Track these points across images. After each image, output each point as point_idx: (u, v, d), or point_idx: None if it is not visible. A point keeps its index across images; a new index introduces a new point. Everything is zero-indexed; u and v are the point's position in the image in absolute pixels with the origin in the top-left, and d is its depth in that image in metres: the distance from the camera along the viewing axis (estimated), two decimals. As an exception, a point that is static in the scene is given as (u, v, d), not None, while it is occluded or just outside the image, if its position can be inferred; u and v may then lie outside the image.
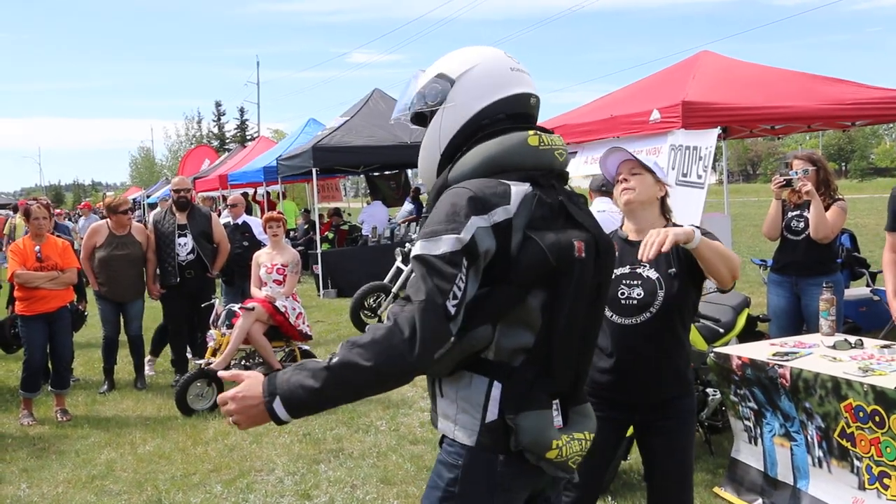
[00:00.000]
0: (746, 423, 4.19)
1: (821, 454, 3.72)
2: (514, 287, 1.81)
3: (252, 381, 1.75)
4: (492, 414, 1.84)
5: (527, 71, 2.02)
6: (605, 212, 6.22)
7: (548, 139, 1.96)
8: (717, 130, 6.07)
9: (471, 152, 1.92)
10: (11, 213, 17.81)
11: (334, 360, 1.70)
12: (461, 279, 1.74)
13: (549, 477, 1.95)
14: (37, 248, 6.11)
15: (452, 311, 1.72)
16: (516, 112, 1.98)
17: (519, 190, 1.85)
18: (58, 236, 6.86)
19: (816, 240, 5.21)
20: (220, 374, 1.88)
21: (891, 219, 4.74)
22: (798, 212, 5.39)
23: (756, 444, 4.15)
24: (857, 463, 3.51)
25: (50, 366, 6.51)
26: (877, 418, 3.35)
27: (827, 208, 5.22)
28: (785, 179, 5.27)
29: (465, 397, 1.86)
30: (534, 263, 1.81)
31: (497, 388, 1.84)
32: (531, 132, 1.93)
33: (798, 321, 5.39)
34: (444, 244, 1.74)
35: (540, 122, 7.49)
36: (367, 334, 1.71)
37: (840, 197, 5.36)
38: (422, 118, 2.06)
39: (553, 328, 1.86)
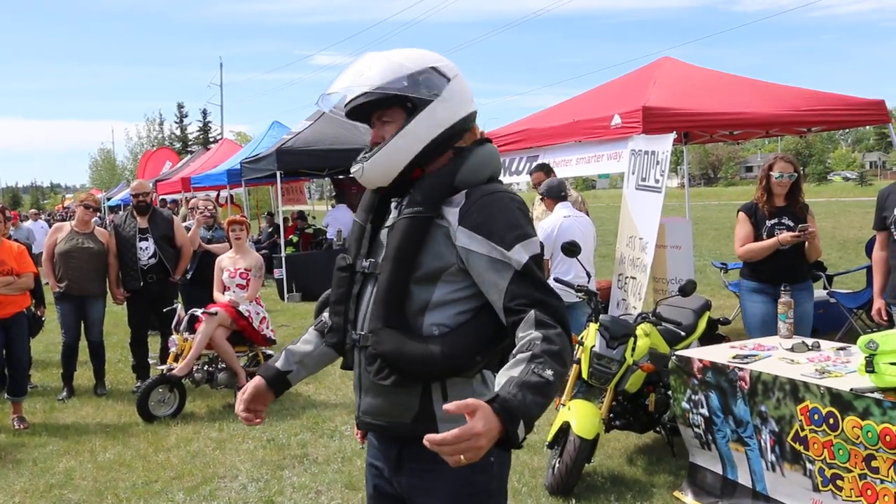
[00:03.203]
0: (696, 430, 4.25)
1: (773, 458, 3.78)
2: None
3: (486, 411, 1.57)
4: None
5: None
6: (569, 217, 6.29)
7: None
8: (673, 135, 6.15)
9: (476, 157, 1.96)
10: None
11: (548, 372, 1.69)
12: None
13: None
14: (-8, 252, 5.98)
15: None
16: (471, 126, 2.05)
17: None
18: (15, 240, 6.74)
19: (811, 260, 5.25)
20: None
21: (878, 218, 4.92)
22: (776, 220, 5.14)
23: (710, 448, 4.20)
24: (809, 466, 3.57)
25: (6, 372, 6.37)
26: (831, 420, 3.42)
27: (804, 218, 5.12)
28: (801, 231, 4.99)
29: (482, 393, 1.93)
30: None
31: (494, 377, 1.97)
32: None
33: (773, 329, 5.07)
34: (538, 245, 1.88)
35: (504, 125, 7.42)
36: (553, 343, 1.74)
37: (805, 202, 5.28)
38: (397, 101, 1.92)
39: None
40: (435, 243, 1.89)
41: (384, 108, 1.95)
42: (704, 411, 4.15)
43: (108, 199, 31.56)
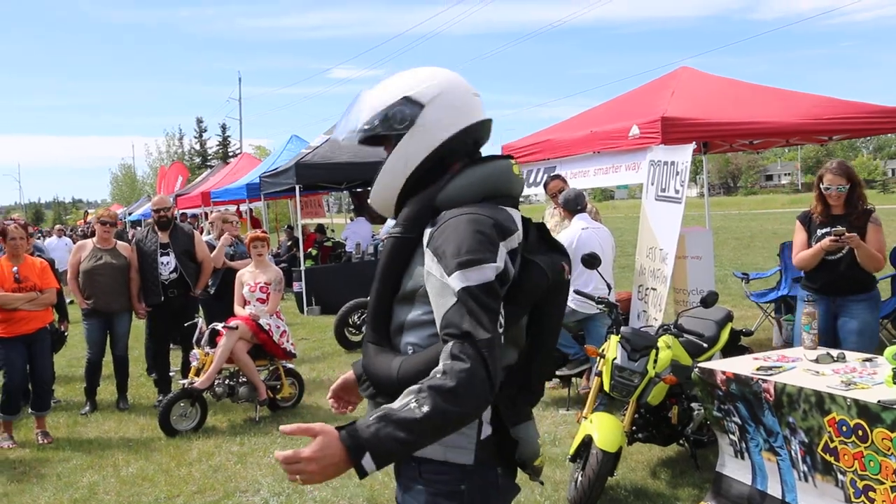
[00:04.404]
0: (732, 437, 4.20)
1: (805, 469, 3.73)
2: (514, 308, 1.86)
3: (328, 439, 1.63)
4: (486, 431, 1.88)
5: (480, 94, 2.06)
6: (588, 228, 6.28)
7: (520, 169, 2.03)
8: (693, 145, 6.12)
9: (462, 176, 1.91)
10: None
11: (425, 409, 1.62)
12: (502, 307, 1.77)
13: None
14: (14, 269, 6.04)
15: (502, 339, 1.75)
16: (479, 137, 2.00)
17: (517, 216, 1.91)
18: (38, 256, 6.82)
19: (871, 271, 4.90)
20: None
21: None
22: (829, 229, 4.88)
23: (743, 457, 4.16)
24: (841, 477, 3.52)
25: (30, 387, 6.42)
26: (860, 432, 3.37)
27: (863, 226, 4.86)
28: (836, 235, 4.76)
29: None
30: (536, 285, 1.88)
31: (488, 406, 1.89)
32: (513, 161, 1.99)
33: (831, 341, 4.87)
34: (487, 273, 1.74)
35: (521, 137, 7.45)
36: (449, 379, 1.64)
37: (871, 208, 4.97)
38: (379, 140, 2.00)
39: (538, 345, 1.97)
40: (414, 264, 1.88)
41: (378, 143, 2.01)
42: (737, 419, 4.10)
43: (129, 214, 31.85)
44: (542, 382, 2.04)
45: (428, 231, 1.86)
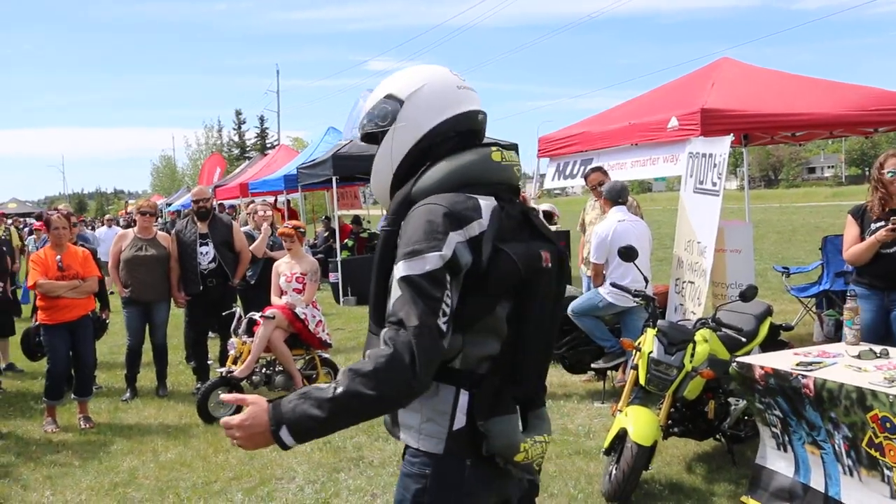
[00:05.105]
0: (774, 429, 4.14)
1: (850, 463, 3.66)
2: (484, 297, 1.85)
3: (256, 409, 1.76)
4: (459, 421, 1.89)
5: (473, 88, 2.05)
6: (624, 221, 6.22)
7: (508, 156, 2.00)
8: (730, 137, 6.03)
9: (435, 167, 1.93)
10: (35, 221, 17.90)
11: (339, 390, 1.70)
12: (448, 296, 1.77)
13: (514, 482, 2.02)
14: (58, 257, 6.18)
15: (444, 328, 1.75)
16: (466, 129, 2.00)
17: (487, 204, 1.88)
18: (81, 245, 6.95)
19: None
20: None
21: None
22: (884, 223, 4.74)
23: (786, 450, 4.09)
24: (887, 472, 3.45)
25: (73, 373, 6.56)
26: (903, 429, 3.30)
27: None
28: (894, 224, 4.62)
29: (432, 406, 1.89)
30: (506, 274, 1.85)
31: (464, 396, 1.88)
32: (493, 148, 1.98)
33: (884, 336, 4.74)
34: (429, 262, 1.76)
35: (559, 129, 7.42)
36: (369, 363, 1.71)
37: None
38: (373, 137, 2.06)
39: (521, 336, 1.93)
40: None
41: (376, 140, 2.06)
42: (779, 412, 4.04)
43: (169, 205, 32.30)
44: (533, 376, 2.00)
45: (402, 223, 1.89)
